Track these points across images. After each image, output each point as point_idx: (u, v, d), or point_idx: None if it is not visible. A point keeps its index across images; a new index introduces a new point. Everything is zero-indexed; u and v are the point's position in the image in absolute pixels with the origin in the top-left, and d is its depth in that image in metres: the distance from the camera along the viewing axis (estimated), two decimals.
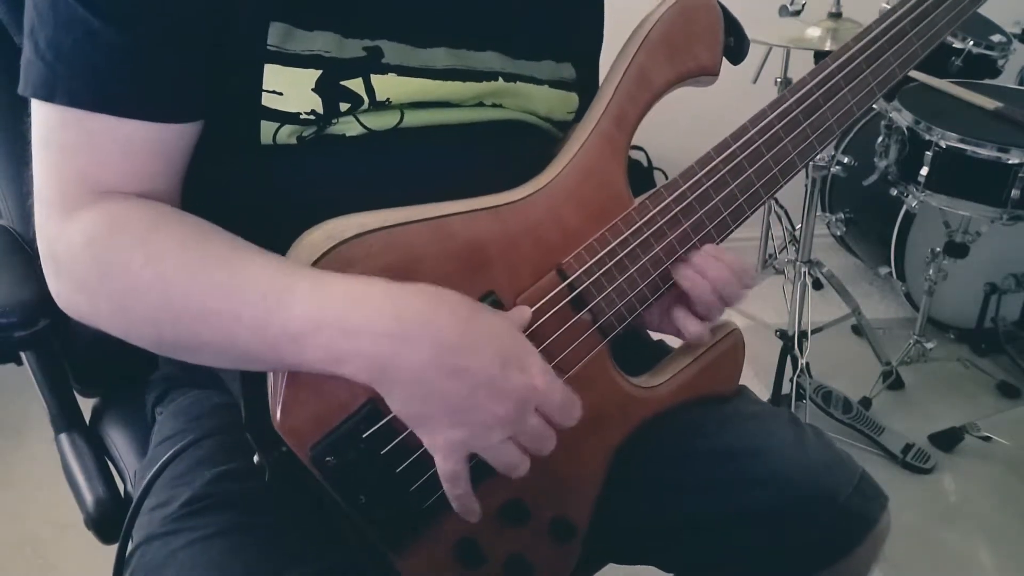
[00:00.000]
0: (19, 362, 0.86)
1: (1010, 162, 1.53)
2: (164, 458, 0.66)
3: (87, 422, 0.92)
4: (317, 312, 0.53)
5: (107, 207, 0.56)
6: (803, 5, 1.86)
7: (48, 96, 0.55)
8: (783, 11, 1.87)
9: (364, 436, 0.58)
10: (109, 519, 0.81)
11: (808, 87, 0.72)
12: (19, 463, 1.68)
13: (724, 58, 0.73)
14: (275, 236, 0.58)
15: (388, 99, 0.62)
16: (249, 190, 0.63)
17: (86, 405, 0.93)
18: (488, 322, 0.57)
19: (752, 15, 1.58)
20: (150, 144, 0.57)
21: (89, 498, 0.82)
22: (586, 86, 0.77)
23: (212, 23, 0.56)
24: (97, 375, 0.92)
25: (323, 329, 0.53)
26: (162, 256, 0.55)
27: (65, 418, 0.88)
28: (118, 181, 0.57)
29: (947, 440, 1.72)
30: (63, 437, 0.88)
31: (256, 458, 0.59)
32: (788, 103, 0.72)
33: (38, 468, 1.64)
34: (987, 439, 1.68)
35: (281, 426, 0.57)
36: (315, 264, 0.57)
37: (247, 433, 0.59)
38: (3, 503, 1.60)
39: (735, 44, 0.73)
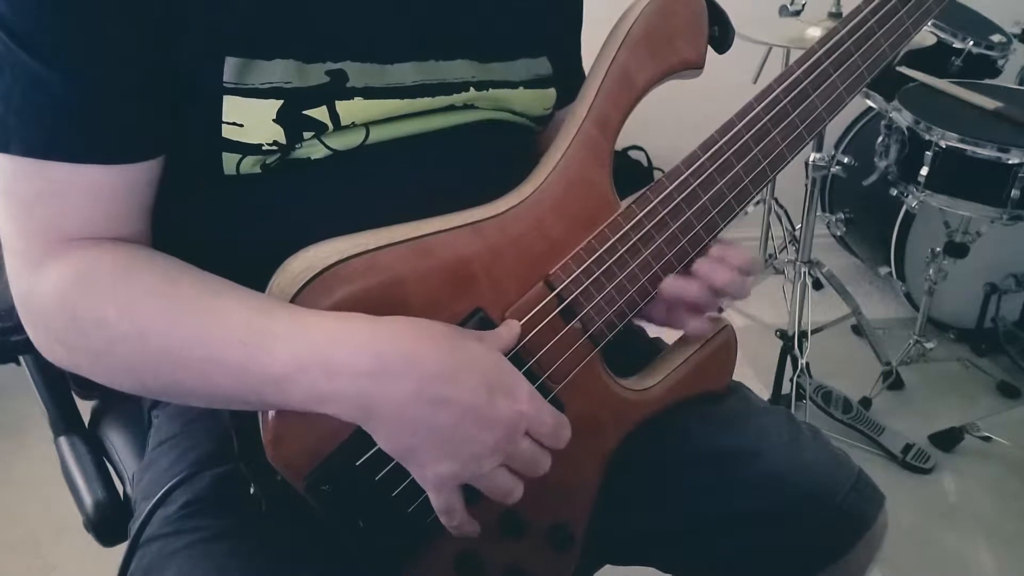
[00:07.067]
0: (18, 362, 0.86)
1: (1010, 162, 1.53)
2: (174, 481, 0.65)
3: (86, 425, 0.92)
4: (297, 356, 0.53)
5: (74, 258, 0.55)
6: (803, 5, 1.86)
7: (2, 147, 0.54)
8: (783, 11, 1.88)
9: (358, 463, 0.58)
10: (108, 521, 0.81)
11: (795, 75, 0.70)
12: (19, 463, 1.69)
13: (711, 49, 0.70)
14: (248, 265, 0.58)
15: (353, 122, 0.60)
16: (217, 220, 0.62)
17: (85, 407, 0.93)
18: (471, 351, 0.56)
19: (752, 15, 1.59)
20: (111, 186, 0.56)
21: (88, 501, 0.82)
22: (567, 73, 0.74)
23: (160, 65, 0.55)
24: None
25: (304, 372, 0.53)
26: (135, 307, 0.54)
27: (64, 421, 0.88)
28: (84, 228, 0.56)
29: (947, 440, 1.72)
30: (62, 440, 0.88)
31: (252, 489, 0.59)
32: (775, 93, 0.69)
33: (38, 468, 1.64)
34: (987, 439, 1.68)
35: (274, 457, 0.56)
36: (298, 294, 0.56)
37: (241, 464, 0.59)
38: (3, 503, 1.60)
39: (720, 33, 0.70)
